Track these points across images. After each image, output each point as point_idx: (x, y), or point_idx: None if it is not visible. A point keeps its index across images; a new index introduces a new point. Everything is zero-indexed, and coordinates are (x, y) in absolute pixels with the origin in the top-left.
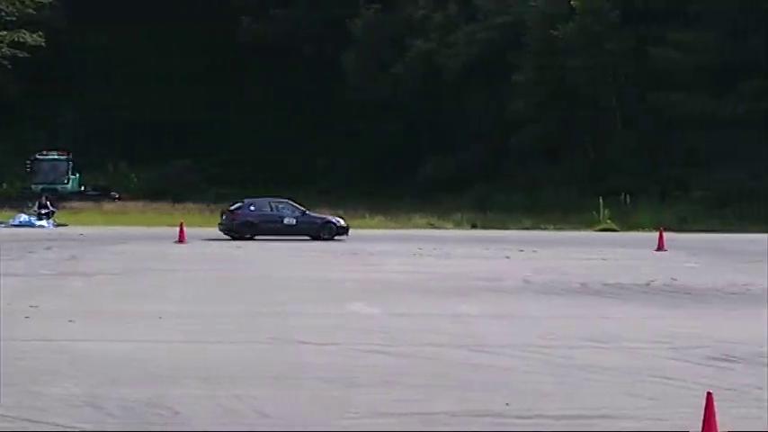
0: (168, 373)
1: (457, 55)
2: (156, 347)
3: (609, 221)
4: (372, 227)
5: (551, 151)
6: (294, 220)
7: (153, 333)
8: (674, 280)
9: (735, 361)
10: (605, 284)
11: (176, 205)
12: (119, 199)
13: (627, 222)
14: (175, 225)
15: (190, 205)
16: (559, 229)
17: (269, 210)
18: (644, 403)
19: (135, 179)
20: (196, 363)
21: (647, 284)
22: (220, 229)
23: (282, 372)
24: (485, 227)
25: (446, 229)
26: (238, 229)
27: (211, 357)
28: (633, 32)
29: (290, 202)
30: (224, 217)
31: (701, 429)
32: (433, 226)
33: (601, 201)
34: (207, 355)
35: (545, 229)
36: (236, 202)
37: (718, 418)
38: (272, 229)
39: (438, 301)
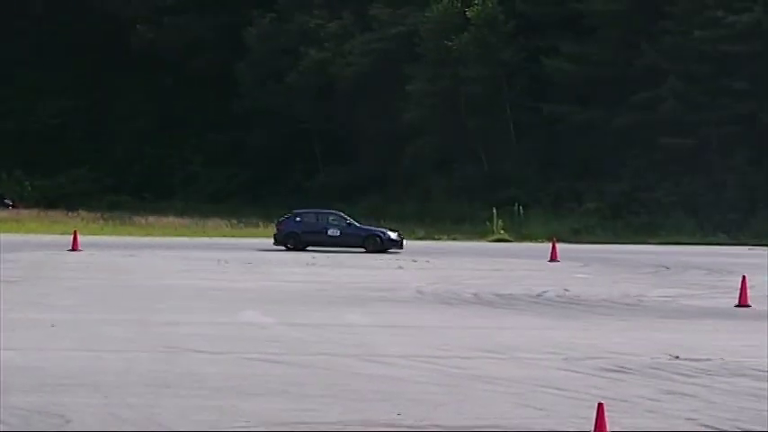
0: (60, 381)
1: (351, 65)
2: (48, 355)
3: (502, 232)
4: (266, 236)
5: (445, 161)
6: (338, 232)
7: (45, 341)
8: (567, 291)
9: (627, 372)
10: (498, 295)
11: (70, 213)
12: (13, 206)
13: (520, 233)
14: (69, 233)
15: (83, 213)
16: (453, 239)
17: (315, 221)
18: (535, 414)
19: (29, 187)
20: (88, 371)
21: (540, 295)
22: (274, 242)
23: (175, 380)
24: None
25: None
26: (284, 241)
27: (103, 366)
28: (527, 44)
29: (340, 214)
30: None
31: None
32: None
33: (494, 211)
34: (99, 363)
35: (438, 239)
36: (286, 215)
37: (609, 429)
38: (317, 240)
39: (331, 311)
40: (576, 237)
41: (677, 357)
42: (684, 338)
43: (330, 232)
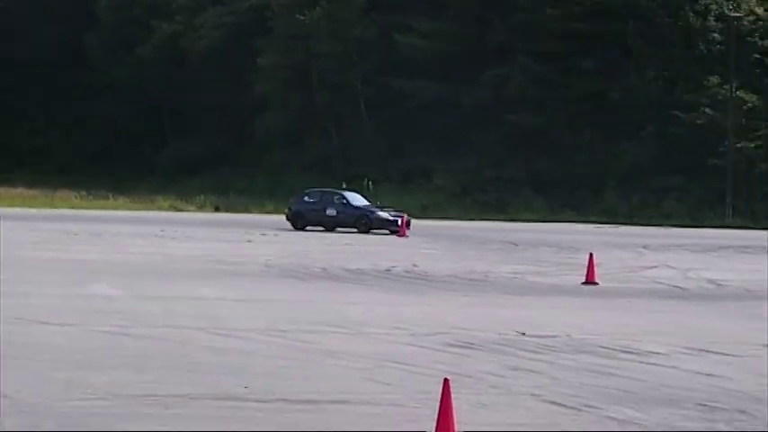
0: None
1: (203, 38)
2: None
3: None
4: (116, 208)
5: (295, 136)
6: (335, 212)
7: None
8: (415, 266)
9: (473, 348)
10: (346, 270)
11: None
12: None
13: None
14: None
15: None
16: None
17: (319, 200)
18: (381, 388)
19: None
20: None
21: (388, 270)
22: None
23: (22, 352)
24: (228, 210)
25: (189, 211)
26: (292, 220)
27: None
28: (379, 20)
29: (344, 193)
30: None
31: (437, 415)
32: (175, 208)
33: (344, 186)
34: None
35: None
36: (302, 194)
37: (455, 405)
38: (318, 220)
39: (180, 284)
40: (424, 213)
41: (523, 334)
42: (531, 315)
43: (328, 212)
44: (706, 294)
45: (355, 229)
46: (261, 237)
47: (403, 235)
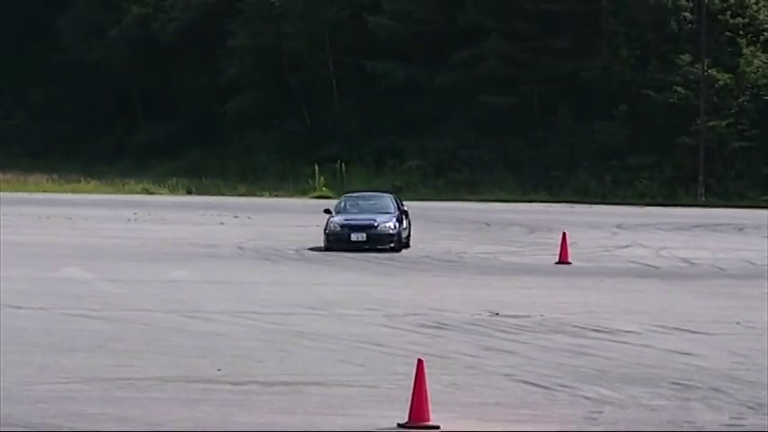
0: None
1: (173, 20)
2: None
3: (324, 189)
4: (88, 191)
5: (267, 118)
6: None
7: None
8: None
9: (447, 328)
10: (319, 251)
11: None
12: None
13: (342, 190)
14: None
15: None
16: (275, 195)
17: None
18: (355, 370)
19: None
20: None
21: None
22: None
23: None
24: (200, 193)
25: (161, 194)
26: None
27: None
28: (350, 1)
29: (388, 196)
30: None
31: (410, 396)
32: (147, 192)
33: (316, 168)
34: None
35: (260, 195)
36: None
37: (429, 385)
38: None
39: (152, 267)
40: (397, 194)
41: (497, 314)
42: (505, 295)
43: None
44: (679, 273)
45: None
46: (233, 219)
47: None
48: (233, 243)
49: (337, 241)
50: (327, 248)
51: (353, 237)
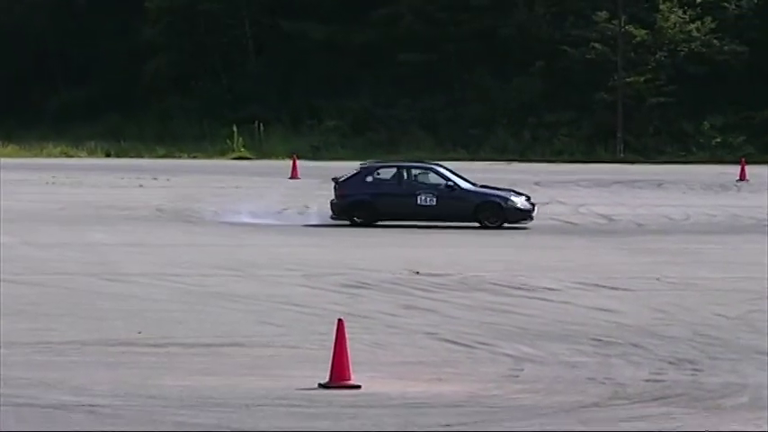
0: None
1: None
2: None
3: (243, 150)
4: (6, 156)
5: (184, 80)
6: (433, 199)
7: None
8: (308, 208)
9: (367, 288)
10: (238, 213)
11: None
12: None
13: (261, 151)
14: None
15: None
16: (194, 157)
17: (397, 182)
18: (276, 330)
19: None
20: None
21: (280, 213)
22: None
23: None
24: (119, 155)
25: (80, 157)
26: (350, 211)
27: None
28: None
29: (439, 169)
30: None
31: (331, 355)
32: (66, 155)
33: (235, 129)
34: None
35: (179, 157)
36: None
37: (350, 345)
38: (405, 211)
39: (72, 230)
40: (316, 154)
41: (417, 273)
42: (425, 254)
43: (422, 200)
44: (599, 230)
45: (476, 225)
46: (152, 181)
47: (295, 177)
48: (152, 205)
49: None
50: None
51: None
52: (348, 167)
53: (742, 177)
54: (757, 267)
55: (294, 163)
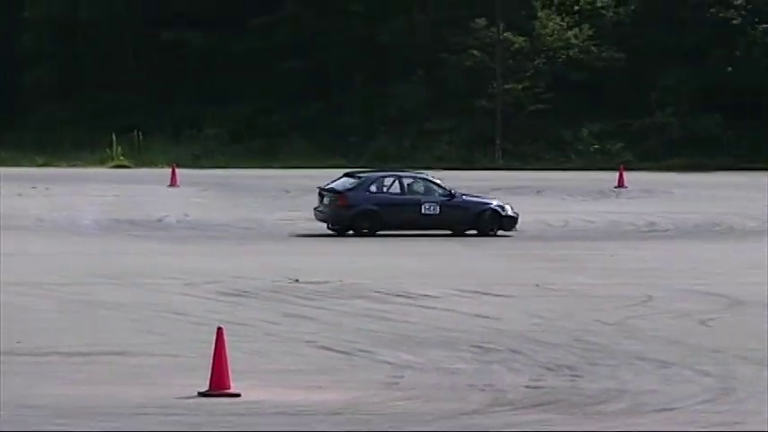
0: None
1: None
2: None
3: (122, 158)
4: None
5: (65, 88)
6: (437, 208)
7: None
8: (188, 216)
9: (247, 296)
10: (118, 221)
11: None
12: None
13: (141, 159)
14: None
15: None
16: (73, 165)
17: (399, 191)
18: (156, 339)
19: None
20: None
21: (161, 220)
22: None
23: None
24: None
25: None
26: (353, 221)
27: None
28: None
29: (430, 177)
30: None
31: (211, 364)
32: None
33: (114, 137)
34: None
35: (58, 166)
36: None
37: (230, 353)
38: (409, 220)
39: None
40: (196, 162)
41: (297, 280)
42: (304, 261)
43: (426, 209)
44: (478, 238)
45: (474, 232)
46: (31, 190)
47: (174, 185)
48: (32, 214)
49: None
50: None
51: None
52: (229, 175)
53: (620, 184)
54: (635, 273)
55: (174, 171)
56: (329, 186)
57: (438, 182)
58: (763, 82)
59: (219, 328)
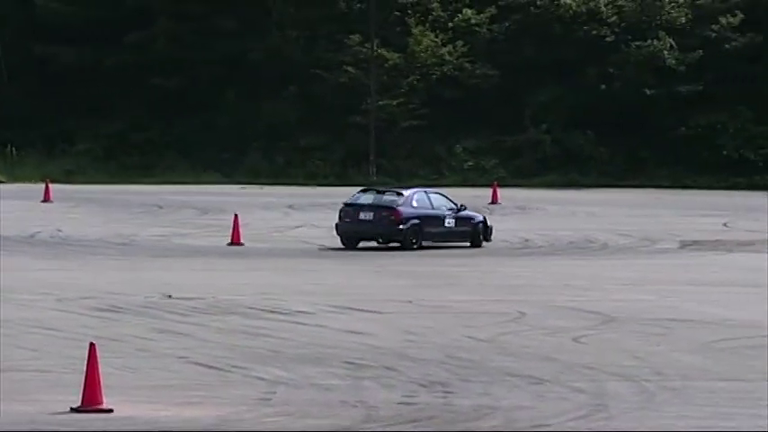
0: None
1: None
2: None
3: None
4: None
5: None
6: (453, 221)
7: None
8: (60, 231)
9: (119, 311)
10: None
11: None
12: None
13: (13, 174)
14: None
15: None
16: None
17: (428, 206)
18: (28, 355)
19: None
20: None
21: (33, 236)
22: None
23: None
24: None
25: None
26: (406, 235)
27: None
28: None
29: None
30: None
31: (83, 379)
32: None
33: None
34: None
35: None
36: (387, 191)
37: (102, 369)
38: (439, 234)
39: None
40: (69, 178)
41: (170, 296)
42: (177, 277)
43: (448, 222)
44: (351, 253)
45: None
46: None
47: (48, 200)
48: None
49: None
50: None
51: None
52: (101, 191)
53: (494, 200)
54: (508, 290)
55: (47, 186)
56: (370, 203)
57: (448, 197)
58: (636, 99)
59: (92, 344)
